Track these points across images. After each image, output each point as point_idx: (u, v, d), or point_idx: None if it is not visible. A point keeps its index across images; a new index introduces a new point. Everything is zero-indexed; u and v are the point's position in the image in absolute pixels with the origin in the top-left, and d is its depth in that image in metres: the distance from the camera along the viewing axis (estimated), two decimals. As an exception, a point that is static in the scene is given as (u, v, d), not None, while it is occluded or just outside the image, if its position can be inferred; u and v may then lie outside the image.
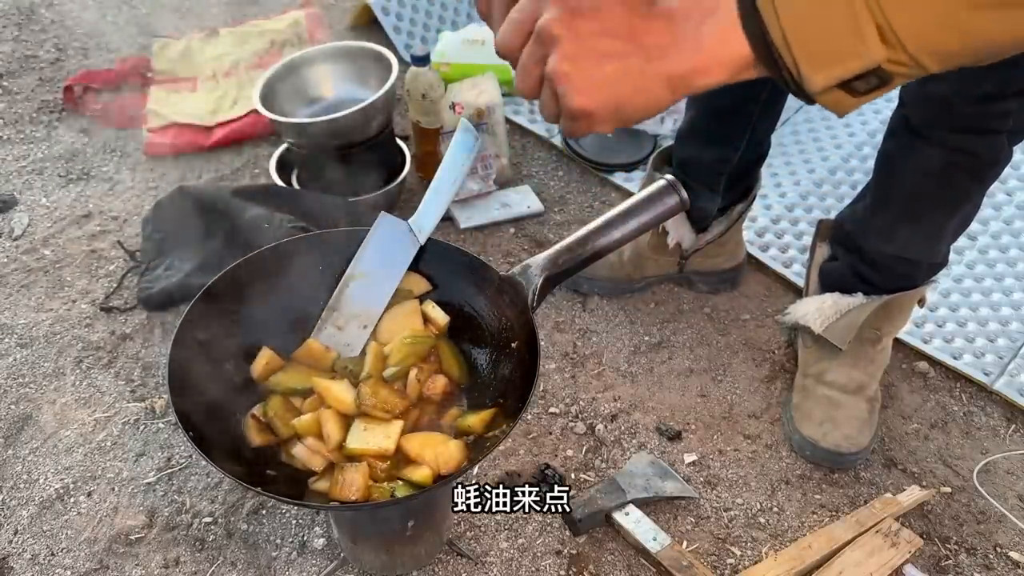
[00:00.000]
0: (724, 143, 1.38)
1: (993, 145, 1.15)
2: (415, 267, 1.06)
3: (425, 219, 1.05)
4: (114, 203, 1.80)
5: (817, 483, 1.31)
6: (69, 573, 1.18)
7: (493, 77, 1.79)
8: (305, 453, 0.94)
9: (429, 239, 1.06)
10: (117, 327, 1.53)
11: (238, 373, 1.01)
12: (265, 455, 0.96)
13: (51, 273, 1.64)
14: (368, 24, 2.32)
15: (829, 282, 1.38)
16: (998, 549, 1.23)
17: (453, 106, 1.73)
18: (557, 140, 1.95)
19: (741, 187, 1.48)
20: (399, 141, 1.78)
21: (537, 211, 1.78)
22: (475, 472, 1.29)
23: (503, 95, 1.80)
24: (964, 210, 1.24)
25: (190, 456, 1.32)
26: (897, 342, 1.49)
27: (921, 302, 1.36)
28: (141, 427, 1.36)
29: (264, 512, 1.25)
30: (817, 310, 1.35)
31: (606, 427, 1.37)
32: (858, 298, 1.32)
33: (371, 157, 1.66)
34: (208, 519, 1.24)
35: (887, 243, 1.28)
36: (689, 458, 1.34)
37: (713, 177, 1.43)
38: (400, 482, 0.92)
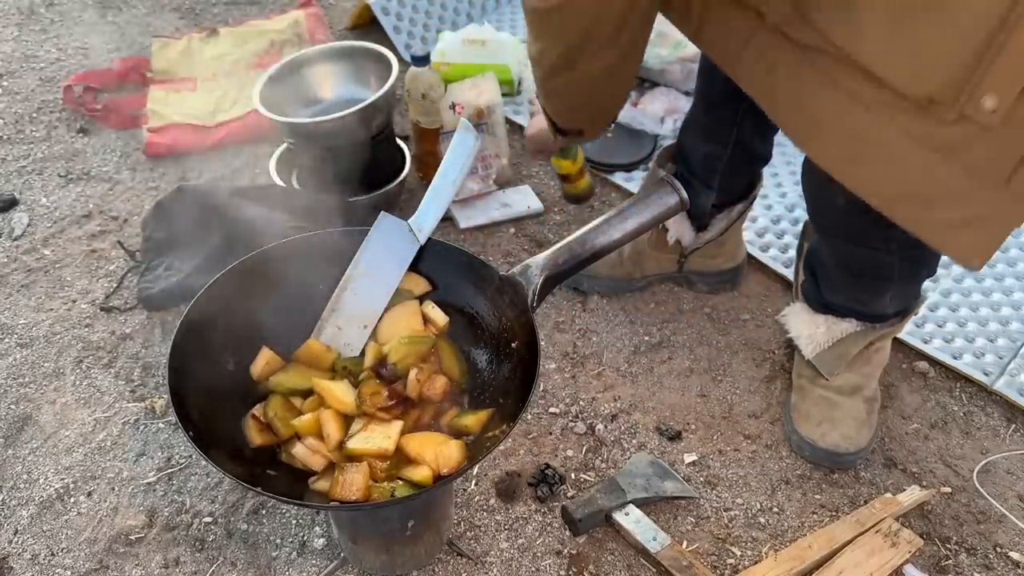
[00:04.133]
0: (714, 138, 1.38)
1: (881, 262, 1.14)
2: (415, 267, 1.07)
3: (425, 219, 1.05)
4: (114, 203, 1.80)
5: (817, 483, 1.31)
6: (69, 573, 1.18)
7: (493, 77, 1.79)
8: (305, 453, 0.95)
9: (429, 239, 1.06)
10: (117, 327, 1.53)
11: (238, 373, 1.01)
12: (265, 455, 0.96)
13: (51, 273, 1.64)
14: (368, 24, 2.32)
15: (809, 303, 1.37)
16: (998, 549, 1.23)
17: (453, 106, 1.73)
18: (557, 140, 1.95)
19: (740, 186, 1.47)
20: (399, 141, 1.78)
21: (537, 211, 1.78)
22: (475, 472, 1.30)
23: (503, 95, 1.80)
24: (891, 291, 1.23)
25: (190, 456, 1.32)
26: (897, 342, 1.49)
27: (915, 313, 1.36)
28: (141, 427, 1.36)
29: (264, 512, 1.25)
30: (809, 336, 1.34)
31: (606, 427, 1.37)
32: (851, 324, 1.30)
33: (371, 157, 1.66)
34: (208, 519, 1.24)
35: (836, 294, 1.29)
36: (689, 458, 1.34)
37: (707, 172, 1.43)
38: (400, 482, 0.92)
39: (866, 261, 1.17)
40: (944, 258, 1.32)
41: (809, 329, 1.34)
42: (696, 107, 1.41)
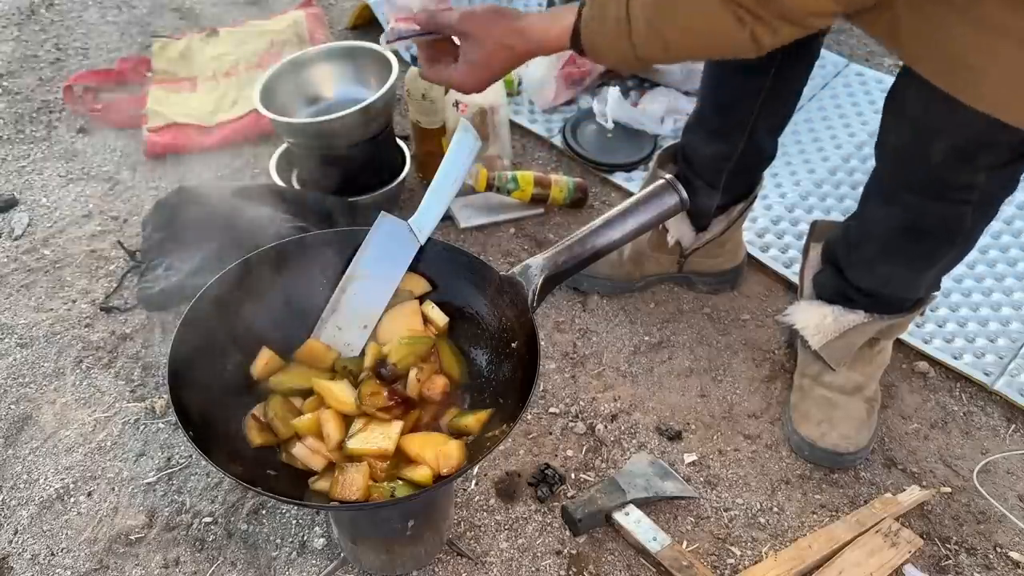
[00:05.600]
0: (724, 139, 1.38)
1: (955, 214, 1.12)
2: (415, 267, 1.06)
3: (425, 219, 1.05)
4: (114, 203, 1.80)
5: (817, 483, 1.31)
6: (69, 573, 1.18)
7: (494, 77, 1.79)
8: (305, 453, 0.95)
9: (429, 239, 1.06)
10: (117, 327, 1.53)
11: (238, 373, 1.01)
12: (265, 455, 0.96)
13: (51, 273, 1.64)
14: (368, 24, 2.32)
15: (823, 294, 1.37)
16: (998, 549, 1.23)
17: (456, 104, 1.73)
18: (557, 140, 1.95)
19: (742, 187, 1.47)
20: (399, 141, 1.78)
21: (537, 211, 1.78)
22: (475, 472, 1.30)
23: (506, 95, 1.80)
24: (941, 263, 1.22)
25: (190, 456, 1.32)
26: (897, 342, 1.49)
27: (921, 312, 1.35)
28: (141, 427, 1.36)
29: (264, 512, 1.25)
30: (816, 326, 1.33)
31: (606, 427, 1.37)
32: (859, 315, 1.29)
33: (371, 157, 1.66)
34: (208, 519, 1.24)
35: (867, 277, 1.27)
36: (689, 458, 1.34)
37: (713, 173, 1.42)
38: (400, 482, 0.92)
39: (939, 218, 1.13)
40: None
41: (816, 319, 1.33)
42: (704, 109, 1.39)
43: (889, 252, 1.22)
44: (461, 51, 1.05)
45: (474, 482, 1.29)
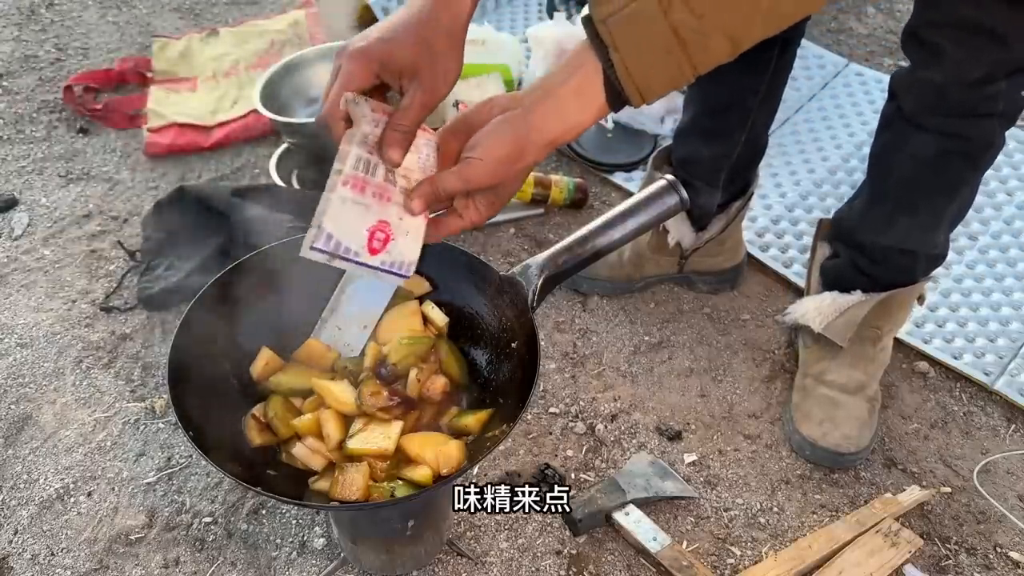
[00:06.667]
0: (723, 139, 1.38)
1: (985, 128, 1.16)
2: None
3: (425, 219, 1.05)
4: (114, 203, 1.80)
5: (817, 483, 1.31)
6: (69, 573, 1.18)
7: (498, 77, 1.79)
8: (305, 453, 0.94)
9: (429, 239, 1.05)
10: (117, 327, 1.53)
11: (238, 373, 1.01)
12: (265, 455, 0.96)
13: (51, 273, 1.64)
14: (368, 24, 2.32)
15: (829, 279, 1.39)
16: (998, 549, 1.23)
17: (457, 104, 1.73)
18: (557, 140, 1.95)
19: (739, 183, 1.48)
20: (399, 141, 1.78)
21: (537, 211, 1.78)
22: (475, 472, 1.30)
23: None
24: (960, 197, 1.24)
25: (190, 456, 1.32)
26: (897, 342, 1.49)
27: (920, 300, 1.36)
28: (141, 427, 1.36)
29: (264, 512, 1.25)
30: (816, 309, 1.36)
31: (606, 427, 1.37)
32: (857, 296, 1.32)
33: (371, 157, 1.66)
34: (208, 519, 1.24)
35: (885, 235, 1.28)
36: (689, 458, 1.34)
37: (713, 174, 1.43)
38: (400, 482, 0.92)
39: (971, 134, 1.17)
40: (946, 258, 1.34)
41: (815, 304, 1.37)
42: (697, 114, 1.40)
43: (908, 198, 1.24)
44: (479, 197, 0.88)
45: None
